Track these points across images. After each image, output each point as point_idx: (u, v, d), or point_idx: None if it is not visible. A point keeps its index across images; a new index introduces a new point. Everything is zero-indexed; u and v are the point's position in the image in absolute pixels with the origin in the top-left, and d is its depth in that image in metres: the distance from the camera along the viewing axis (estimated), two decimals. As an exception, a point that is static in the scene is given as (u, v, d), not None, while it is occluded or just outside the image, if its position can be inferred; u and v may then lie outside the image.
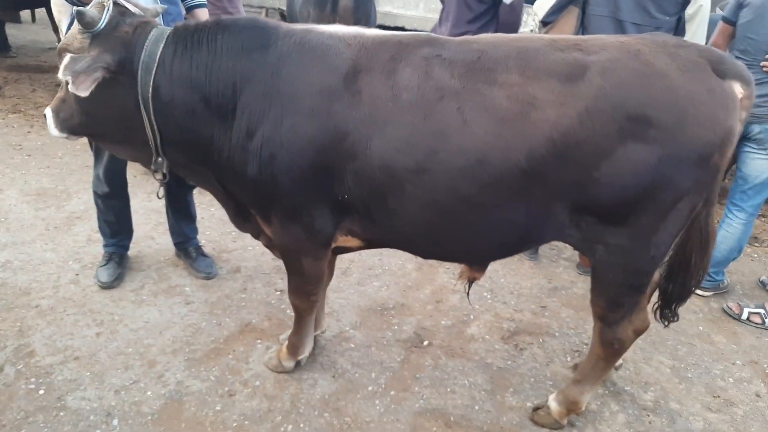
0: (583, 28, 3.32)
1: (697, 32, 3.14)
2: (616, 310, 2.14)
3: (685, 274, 2.25)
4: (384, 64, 1.90)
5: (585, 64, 1.82)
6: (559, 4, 3.39)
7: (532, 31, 6.41)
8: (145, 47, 1.98)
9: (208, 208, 4.02)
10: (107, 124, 2.12)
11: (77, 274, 3.14)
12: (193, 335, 2.77)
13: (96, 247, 3.35)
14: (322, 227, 2.10)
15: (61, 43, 2.05)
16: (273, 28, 2.00)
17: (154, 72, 1.96)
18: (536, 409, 2.49)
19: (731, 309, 3.49)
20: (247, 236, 3.73)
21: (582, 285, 3.65)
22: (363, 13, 4.31)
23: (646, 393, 2.72)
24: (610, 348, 2.24)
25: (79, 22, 1.93)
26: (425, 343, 2.92)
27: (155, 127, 2.02)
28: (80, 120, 2.09)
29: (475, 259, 2.27)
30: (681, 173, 1.82)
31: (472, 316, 3.19)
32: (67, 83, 1.86)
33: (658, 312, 2.39)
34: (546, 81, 1.81)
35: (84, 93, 1.85)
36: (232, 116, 1.97)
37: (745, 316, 3.42)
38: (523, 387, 2.68)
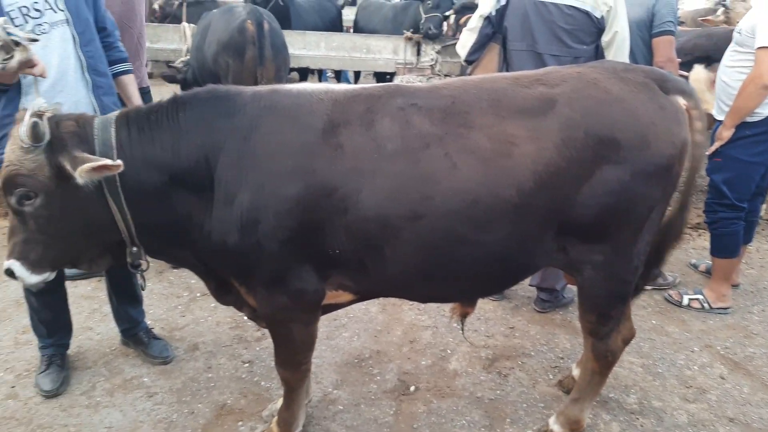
0: (506, 63, 3.31)
1: (616, 60, 3.04)
2: (606, 323, 2.22)
3: (646, 269, 2.37)
4: (361, 116, 1.88)
5: (552, 97, 1.90)
6: (480, 42, 3.36)
7: (432, 61, 6.68)
8: (95, 137, 1.83)
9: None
10: (80, 236, 1.92)
11: (13, 387, 2.73)
12: (167, 431, 2.50)
13: (27, 350, 2.96)
14: (310, 287, 2.01)
15: (5, 170, 1.79)
16: (236, 94, 1.92)
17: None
18: (539, 435, 2.50)
19: (672, 297, 3.75)
20: (197, 308, 3.54)
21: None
22: (282, 60, 4.26)
23: (629, 396, 2.83)
24: (603, 361, 2.31)
25: (32, 140, 1.72)
26: (412, 388, 2.85)
27: (127, 216, 1.85)
28: (56, 246, 1.88)
29: (474, 297, 2.27)
30: (651, 186, 1.96)
31: (449, 351, 3.16)
32: None
33: None
34: (519, 118, 1.88)
35: None
36: (210, 189, 1.85)
37: (685, 302, 3.69)
38: (518, 414, 2.68)
